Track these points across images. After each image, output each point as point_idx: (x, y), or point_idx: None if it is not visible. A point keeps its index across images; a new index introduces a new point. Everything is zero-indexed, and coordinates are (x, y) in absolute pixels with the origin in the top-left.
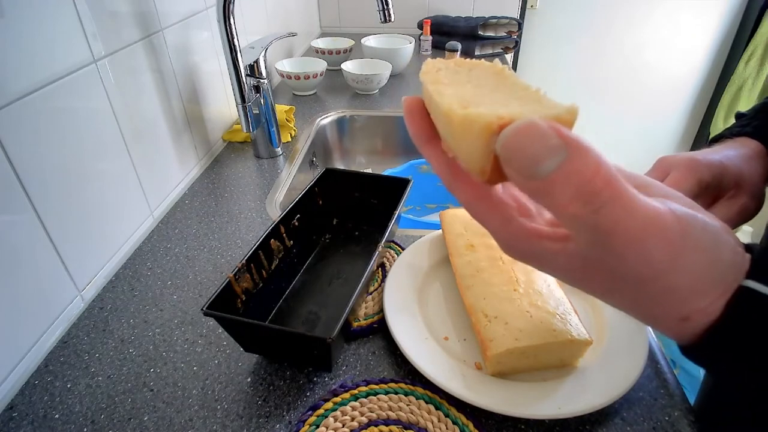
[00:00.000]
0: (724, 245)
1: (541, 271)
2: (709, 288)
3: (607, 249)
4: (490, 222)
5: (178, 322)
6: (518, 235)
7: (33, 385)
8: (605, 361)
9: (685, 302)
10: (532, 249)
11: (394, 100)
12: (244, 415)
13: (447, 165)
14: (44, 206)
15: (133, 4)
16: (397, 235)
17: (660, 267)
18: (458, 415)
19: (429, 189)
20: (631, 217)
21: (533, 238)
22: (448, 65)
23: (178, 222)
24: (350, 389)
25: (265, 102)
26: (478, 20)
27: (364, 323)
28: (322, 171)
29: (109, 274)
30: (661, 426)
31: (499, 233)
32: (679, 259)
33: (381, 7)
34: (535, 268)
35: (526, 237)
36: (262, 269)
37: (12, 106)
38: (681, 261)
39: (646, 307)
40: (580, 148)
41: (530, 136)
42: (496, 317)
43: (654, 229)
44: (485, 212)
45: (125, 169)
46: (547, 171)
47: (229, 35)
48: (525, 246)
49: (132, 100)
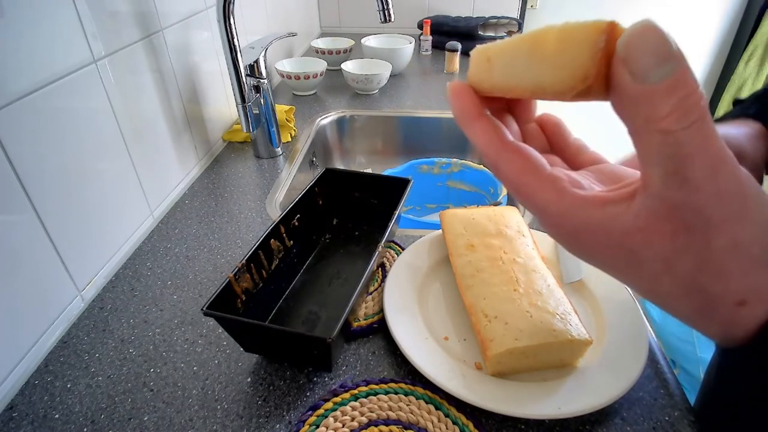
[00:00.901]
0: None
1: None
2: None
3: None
4: (542, 194)
5: (178, 322)
6: (576, 205)
7: (33, 385)
8: (605, 361)
9: (745, 273)
10: (592, 218)
11: (394, 100)
12: (244, 415)
13: (496, 138)
14: (44, 206)
15: (133, 4)
16: (397, 235)
17: (730, 206)
18: (458, 415)
19: (429, 189)
20: (711, 143)
21: (595, 205)
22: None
23: (178, 222)
24: (350, 389)
25: (265, 102)
26: (478, 20)
27: (364, 323)
28: (322, 171)
29: (109, 274)
30: (661, 426)
31: (553, 206)
32: (748, 202)
33: (381, 7)
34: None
35: (586, 205)
36: (262, 269)
37: (12, 106)
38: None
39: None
40: (688, 63)
41: (655, 36)
42: (496, 317)
43: (727, 162)
44: (536, 185)
45: (125, 169)
46: (659, 76)
47: (229, 35)
48: (583, 216)
49: (132, 100)
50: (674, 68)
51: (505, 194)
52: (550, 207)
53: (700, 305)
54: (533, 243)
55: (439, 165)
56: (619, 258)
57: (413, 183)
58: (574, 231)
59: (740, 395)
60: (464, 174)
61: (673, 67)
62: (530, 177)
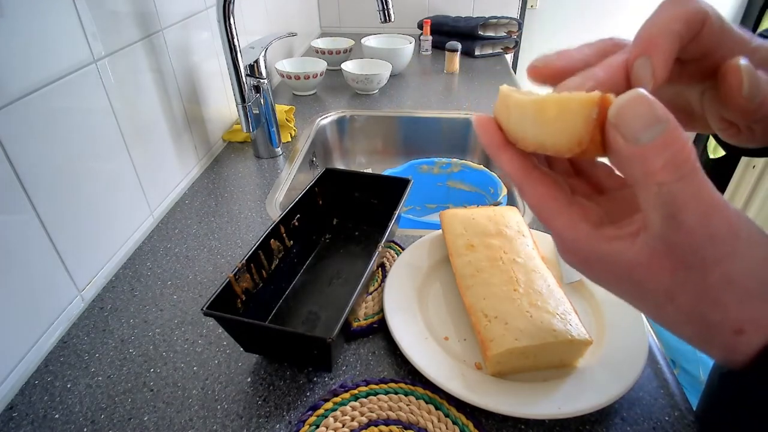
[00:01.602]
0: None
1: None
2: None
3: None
4: (558, 221)
5: (178, 322)
6: (585, 237)
7: (33, 385)
8: (605, 361)
9: (742, 305)
10: (599, 251)
11: (394, 100)
12: (244, 415)
13: (522, 165)
14: (44, 206)
15: (133, 4)
16: (397, 235)
17: (722, 246)
18: (458, 415)
19: (429, 189)
20: (703, 191)
21: (602, 240)
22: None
23: (178, 222)
24: (350, 389)
25: (265, 102)
26: (478, 20)
27: (364, 323)
28: (322, 171)
29: (109, 274)
30: (661, 426)
31: (565, 234)
32: (739, 242)
33: (381, 7)
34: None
35: (596, 238)
36: (262, 269)
37: (12, 106)
38: (740, 245)
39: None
40: (676, 122)
41: (643, 104)
42: (496, 317)
43: (718, 207)
44: (555, 212)
45: (125, 169)
46: (650, 137)
47: (229, 35)
48: (594, 247)
49: (132, 100)
50: (663, 128)
51: (505, 194)
52: (563, 233)
53: (702, 332)
54: (533, 243)
55: (439, 165)
56: (626, 287)
57: (413, 183)
58: (585, 259)
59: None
60: (464, 174)
61: (662, 127)
62: (550, 203)
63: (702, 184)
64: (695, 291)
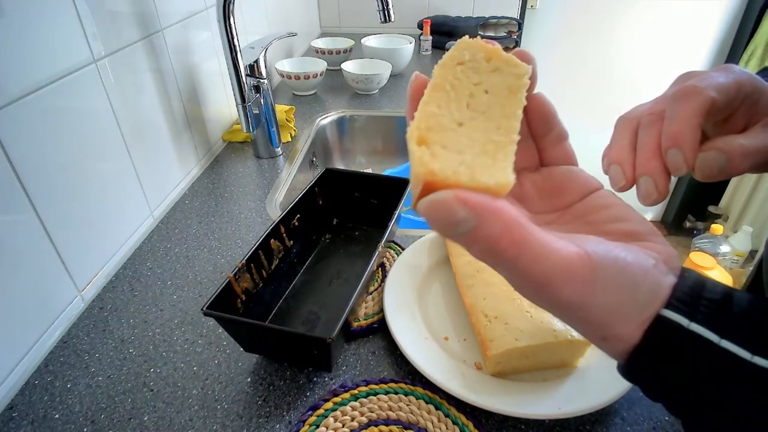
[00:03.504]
0: (643, 285)
1: None
2: (624, 321)
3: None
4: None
5: (178, 322)
6: None
7: (33, 385)
8: (605, 361)
9: (601, 329)
10: None
11: (394, 100)
12: (244, 415)
13: None
14: (44, 206)
15: (133, 4)
16: (397, 235)
17: (569, 305)
18: (458, 415)
19: None
20: (539, 264)
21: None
22: (475, 57)
23: (178, 222)
24: (350, 389)
25: (265, 102)
26: (478, 20)
27: (364, 323)
28: (322, 171)
29: (109, 274)
30: (661, 426)
31: None
32: (589, 298)
33: (381, 7)
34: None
35: None
36: (262, 269)
37: (12, 106)
38: (590, 299)
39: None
40: (490, 215)
41: (441, 210)
42: (496, 317)
43: (560, 274)
44: None
45: (125, 169)
46: (459, 233)
47: (229, 35)
48: None
49: (132, 100)
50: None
51: None
52: None
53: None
54: None
55: None
56: None
57: None
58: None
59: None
60: None
61: (468, 226)
62: None
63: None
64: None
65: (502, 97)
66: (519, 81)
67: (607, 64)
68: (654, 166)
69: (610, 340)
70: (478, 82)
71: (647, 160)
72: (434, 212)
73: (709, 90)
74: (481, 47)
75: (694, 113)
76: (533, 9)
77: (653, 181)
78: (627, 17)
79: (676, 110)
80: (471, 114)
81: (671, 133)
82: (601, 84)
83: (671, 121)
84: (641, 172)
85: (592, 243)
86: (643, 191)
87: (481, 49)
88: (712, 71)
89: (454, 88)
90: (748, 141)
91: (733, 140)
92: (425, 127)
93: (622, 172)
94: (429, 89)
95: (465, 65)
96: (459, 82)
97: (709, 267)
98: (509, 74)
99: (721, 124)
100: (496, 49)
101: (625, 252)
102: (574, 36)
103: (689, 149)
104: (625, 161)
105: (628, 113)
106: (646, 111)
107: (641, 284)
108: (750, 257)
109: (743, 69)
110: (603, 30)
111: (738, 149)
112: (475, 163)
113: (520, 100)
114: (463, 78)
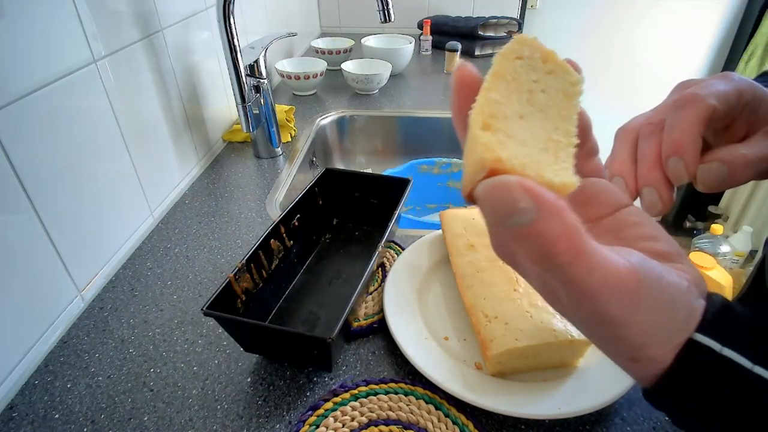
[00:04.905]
0: (681, 307)
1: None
2: (660, 343)
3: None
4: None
5: (178, 322)
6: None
7: (33, 385)
8: (605, 361)
9: (635, 349)
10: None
11: (394, 100)
12: (244, 415)
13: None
14: (44, 206)
15: (133, 4)
16: (397, 235)
17: (611, 320)
18: (458, 415)
19: (429, 189)
20: (590, 275)
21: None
22: (532, 56)
23: (178, 222)
24: (350, 389)
25: (265, 102)
26: (478, 20)
27: (364, 323)
28: (322, 171)
29: (109, 274)
30: (661, 426)
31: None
32: (632, 315)
33: (381, 7)
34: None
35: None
36: (262, 269)
37: (12, 106)
38: (633, 317)
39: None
40: (552, 211)
41: (503, 194)
42: (496, 317)
43: (610, 288)
44: None
45: (125, 169)
46: (513, 224)
47: (229, 35)
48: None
49: (132, 100)
50: (527, 220)
51: None
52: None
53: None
54: None
55: (439, 165)
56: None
57: (413, 183)
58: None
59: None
60: None
61: (527, 218)
62: None
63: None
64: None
65: (558, 100)
66: (574, 88)
67: (607, 64)
68: (656, 177)
69: (640, 362)
70: (536, 79)
71: (649, 170)
72: (494, 197)
73: (709, 98)
74: (539, 47)
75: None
76: (533, 9)
77: (656, 191)
78: (627, 17)
79: (676, 119)
80: (530, 109)
81: (672, 141)
82: (601, 84)
83: (672, 130)
84: (644, 184)
85: (635, 257)
86: (647, 202)
87: (538, 49)
88: (712, 79)
89: (514, 79)
90: (750, 150)
91: (735, 150)
92: (489, 114)
93: (624, 185)
94: (490, 76)
95: (524, 60)
96: (519, 75)
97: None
98: (564, 80)
99: (721, 132)
100: (552, 52)
101: (666, 271)
102: (574, 36)
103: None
104: (627, 173)
105: (626, 124)
106: (645, 121)
107: (679, 306)
108: (750, 257)
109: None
110: (603, 30)
111: (740, 159)
112: (539, 158)
113: (575, 106)
114: (522, 72)
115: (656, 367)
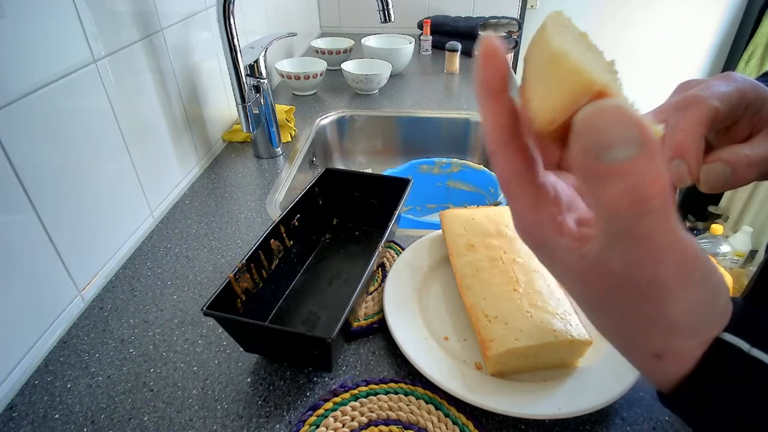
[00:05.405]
0: (722, 296)
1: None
2: (690, 332)
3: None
4: (521, 201)
5: (178, 322)
6: (543, 223)
7: (33, 385)
8: (605, 361)
9: (667, 337)
10: (549, 240)
11: (394, 100)
12: (244, 415)
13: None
14: (44, 206)
15: (133, 4)
16: (397, 235)
17: (664, 289)
18: (458, 415)
19: (429, 189)
20: (666, 232)
21: (556, 231)
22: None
23: (178, 222)
24: (350, 389)
25: (265, 102)
26: (478, 20)
27: (364, 323)
28: (322, 171)
29: (109, 274)
30: (661, 426)
31: (525, 215)
32: (681, 289)
33: (381, 7)
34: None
35: (550, 227)
36: (262, 269)
37: (12, 106)
38: (683, 292)
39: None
40: (654, 151)
41: (612, 120)
42: (496, 317)
43: (676, 250)
44: (520, 190)
45: (125, 169)
46: (613, 159)
47: (229, 35)
48: (544, 235)
49: (132, 100)
50: (629, 154)
51: None
52: (522, 214)
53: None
54: None
55: (439, 165)
56: (565, 281)
57: (413, 183)
58: (534, 244)
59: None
60: (464, 174)
61: (629, 153)
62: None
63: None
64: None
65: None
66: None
67: None
68: None
69: (664, 358)
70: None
71: None
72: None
73: (711, 99)
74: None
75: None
76: (533, 9)
77: None
78: (627, 17)
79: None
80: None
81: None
82: None
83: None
84: None
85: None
86: None
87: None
88: (714, 79)
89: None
90: (753, 150)
91: (738, 150)
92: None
93: None
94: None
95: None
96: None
97: None
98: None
99: (723, 133)
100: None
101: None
102: None
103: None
104: None
105: None
106: None
107: (721, 295)
108: (750, 257)
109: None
110: (603, 30)
111: (743, 160)
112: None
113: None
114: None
115: (679, 366)
